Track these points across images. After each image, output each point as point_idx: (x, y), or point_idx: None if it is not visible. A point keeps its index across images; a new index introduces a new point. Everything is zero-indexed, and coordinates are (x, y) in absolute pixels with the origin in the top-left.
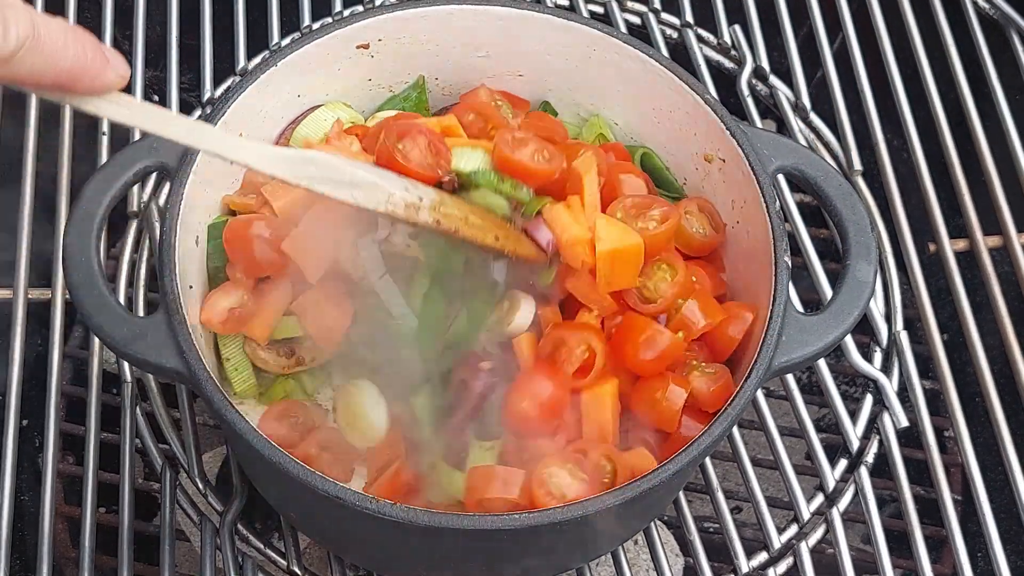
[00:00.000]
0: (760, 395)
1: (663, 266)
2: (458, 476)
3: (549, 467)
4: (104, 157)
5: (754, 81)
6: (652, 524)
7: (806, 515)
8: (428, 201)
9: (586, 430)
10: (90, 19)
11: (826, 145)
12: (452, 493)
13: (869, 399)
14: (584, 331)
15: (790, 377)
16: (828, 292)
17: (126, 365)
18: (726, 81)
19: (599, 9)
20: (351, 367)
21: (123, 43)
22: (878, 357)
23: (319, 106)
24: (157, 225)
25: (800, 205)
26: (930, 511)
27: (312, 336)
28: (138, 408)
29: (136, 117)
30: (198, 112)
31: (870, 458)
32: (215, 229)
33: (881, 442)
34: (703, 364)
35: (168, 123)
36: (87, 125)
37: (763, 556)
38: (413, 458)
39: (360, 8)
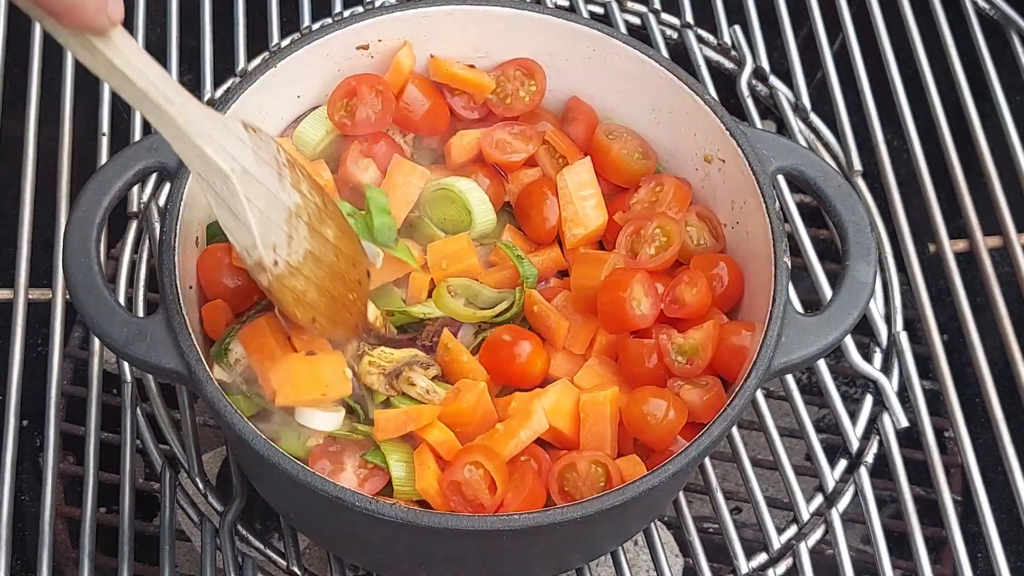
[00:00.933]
0: (760, 396)
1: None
2: None
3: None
4: (104, 157)
5: (754, 82)
6: (652, 524)
7: (806, 516)
8: (276, 267)
9: (584, 438)
10: None
11: (826, 146)
12: None
13: (869, 399)
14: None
15: (790, 378)
16: (828, 293)
17: (126, 365)
18: (726, 81)
19: (599, 10)
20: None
21: None
22: (878, 358)
23: (320, 106)
24: (157, 225)
25: (800, 205)
26: (930, 512)
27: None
28: (138, 408)
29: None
30: None
31: (870, 459)
32: (215, 228)
33: (881, 443)
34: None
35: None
36: (87, 125)
37: (763, 557)
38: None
39: (360, 9)
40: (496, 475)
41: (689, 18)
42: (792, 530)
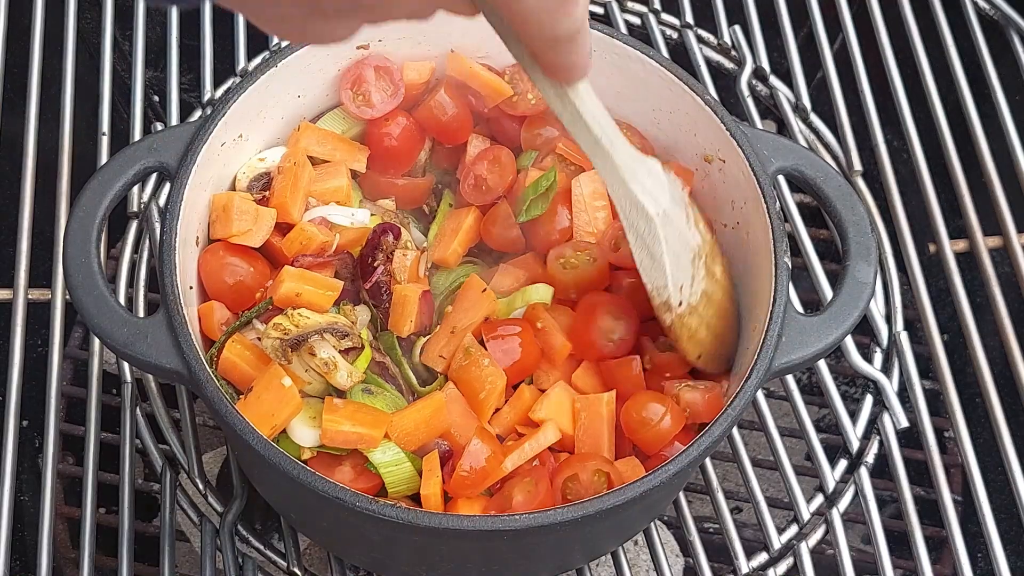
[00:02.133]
0: (760, 396)
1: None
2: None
3: None
4: (104, 157)
5: (754, 82)
6: (652, 524)
7: (806, 516)
8: (680, 307)
9: (580, 440)
10: (90, 19)
11: (826, 146)
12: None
13: (869, 400)
14: None
15: (790, 378)
16: (828, 293)
17: (126, 365)
18: (726, 82)
19: (599, 10)
20: None
21: (123, 43)
22: (878, 358)
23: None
24: (157, 225)
25: (800, 206)
26: (930, 512)
27: None
28: (138, 408)
29: None
30: (198, 113)
31: (870, 459)
32: None
33: (881, 443)
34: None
35: None
36: (87, 125)
37: (763, 556)
38: None
39: None
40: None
41: (689, 18)
42: (792, 530)
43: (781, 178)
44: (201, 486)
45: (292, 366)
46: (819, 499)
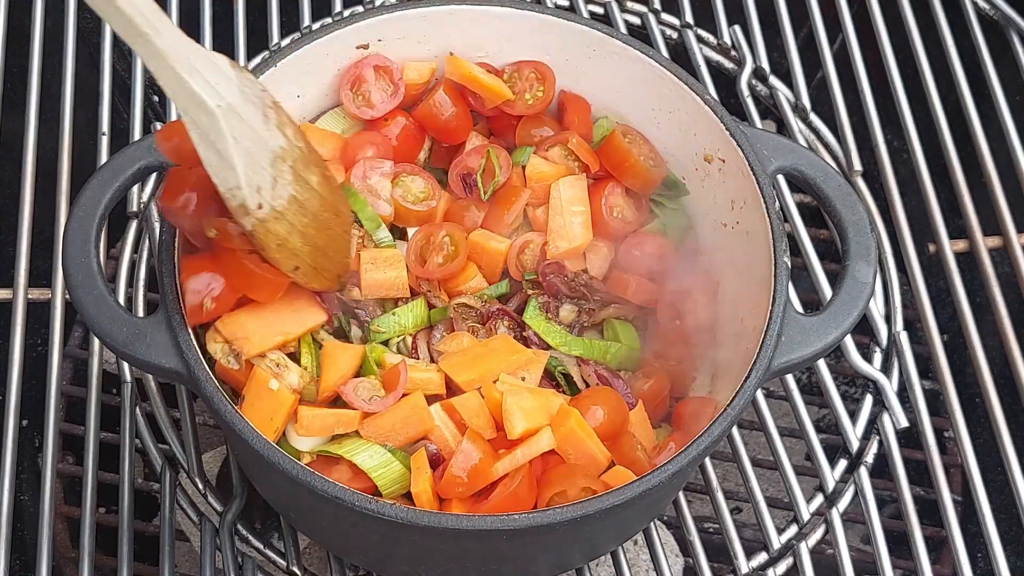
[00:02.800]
0: (760, 395)
1: None
2: None
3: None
4: (104, 157)
5: (754, 82)
6: (652, 524)
7: (806, 515)
8: (260, 210)
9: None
10: (90, 19)
11: (826, 146)
12: None
13: (869, 400)
14: None
15: (790, 377)
16: (828, 293)
17: (126, 365)
18: (726, 82)
19: (599, 10)
20: None
21: (123, 43)
22: (878, 358)
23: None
24: (157, 225)
25: (800, 205)
26: (930, 512)
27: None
28: (138, 408)
29: None
30: None
31: (870, 459)
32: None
33: (881, 443)
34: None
35: None
36: (87, 124)
37: (763, 556)
38: None
39: (360, 8)
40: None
41: (689, 18)
42: (792, 530)
43: (781, 178)
44: (201, 486)
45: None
46: (819, 499)
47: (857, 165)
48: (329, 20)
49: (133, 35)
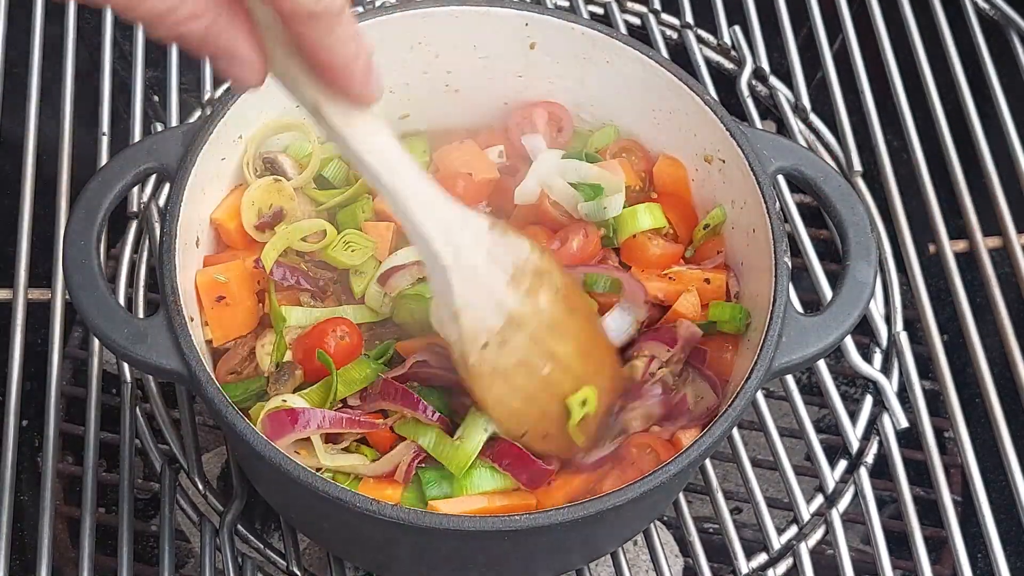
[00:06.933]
0: (760, 396)
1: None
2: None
3: None
4: (104, 157)
5: (754, 82)
6: (652, 525)
7: (806, 516)
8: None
9: None
10: (90, 19)
11: (826, 146)
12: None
13: (869, 400)
14: None
15: (790, 378)
16: (828, 293)
17: (126, 365)
18: (726, 82)
19: (599, 10)
20: None
21: (123, 43)
22: (878, 358)
23: None
24: (157, 225)
25: (800, 206)
26: (930, 512)
27: None
28: (138, 408)
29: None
30: (198, 113)
31: (870, 459)
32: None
33: (881, 443)
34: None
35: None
36: (87, 125)
37: (763, 557)
38: None
39: (360, 9)
40: None
41: (689, 18)
42: (792, 530)
43: (781, 178)
44: (201, 486)
45: None
46: (819, 499)
47: (857, 165)
48: None
49: (386, 191)
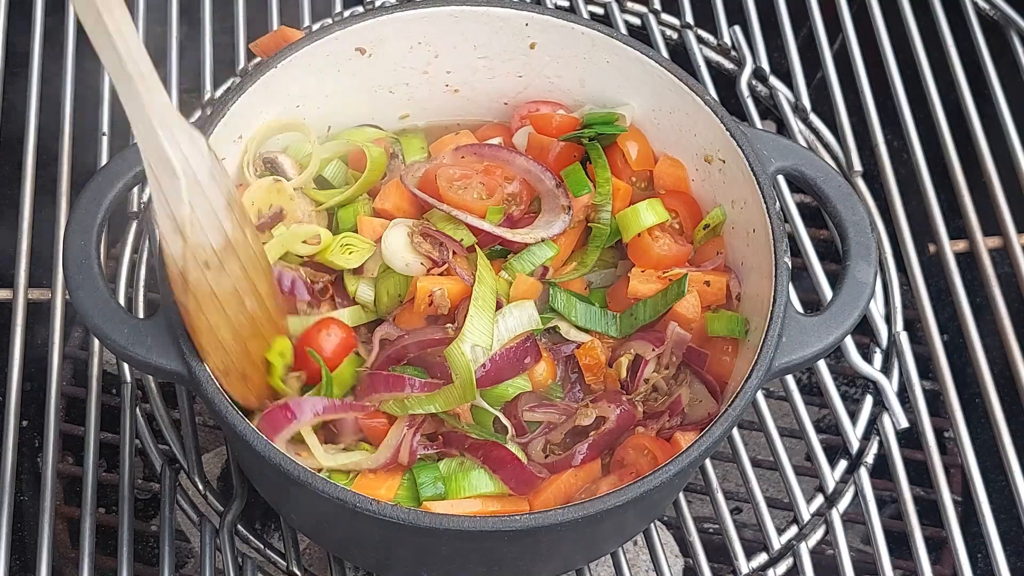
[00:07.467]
0: (760, 396)
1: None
2: None
3: None
4: (104, 157)
5: (754, 82)
6: (652, 525)
7: (806, 516)
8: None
9: None
10: None
11: (826, 146)
12: None
13: (869, 400)
14: None
15: (790, 378)
16: (828, 293)
17: (126, 365)
18: (726, 82)
19: (599, 10)
20: None
21: None
22: (878, 358)
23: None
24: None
25: (800, 206)
26: (930, 512)
27: None
28: (138, 409)
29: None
30: (198, 113)
31: (870, 459)
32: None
33: (881, 443)
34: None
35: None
36: (88, 125)
37: (763, 557)
38: None
39: (360, 9)
40: None
41: (689, 18)
42: (792, 530)
43: (781, 178)
44: (201, 486)
45: None
46: (819, 499)
47: (857, 165)
48: (329, 21)
49: (122, 76)
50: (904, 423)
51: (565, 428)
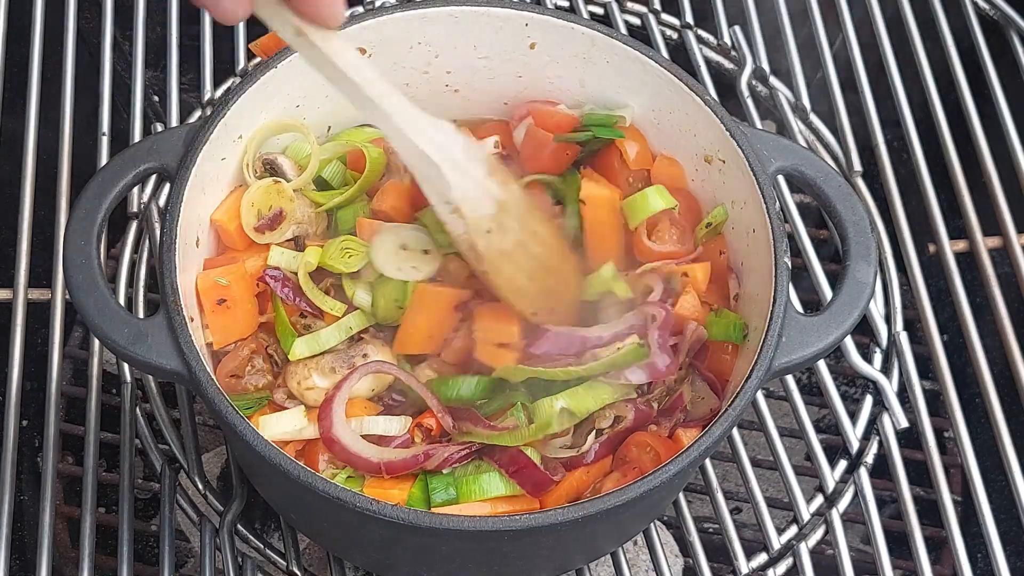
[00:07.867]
0: (760, 396)
1: None
2: None
3: None
4: (104, 157)
5: (754, 82)
6: (652, 525)
7: (806, 516)
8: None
9: None
10: (90, 19)
11: (826, 146)
12: None
13: (869, 400)
14: None
15: (790, 378)
16: (828, 293)
17: (126, 365)
18: (726, 82)
19: (599, 10)
20: None
21: (123, 43)
22: (878, 358)
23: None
24: (157, 225)
25: (800, 206)
26: (930, 512)
27: None
28: (138, 408)
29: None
30: (198, 113)
31: (870, 459)
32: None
33: (881, 443)
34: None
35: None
36: (87, 125)
37: (763, 557)
38: None
39: (360, 9)
40: None
41: (689, 18)
42: (792, 530)
43: (781, 178)
44: (201, 486)
45: None
46: (819, 499)
47: (857, 165)
48: None
49: (366, 103)
50: (904, 423)
51: (585, 427)
